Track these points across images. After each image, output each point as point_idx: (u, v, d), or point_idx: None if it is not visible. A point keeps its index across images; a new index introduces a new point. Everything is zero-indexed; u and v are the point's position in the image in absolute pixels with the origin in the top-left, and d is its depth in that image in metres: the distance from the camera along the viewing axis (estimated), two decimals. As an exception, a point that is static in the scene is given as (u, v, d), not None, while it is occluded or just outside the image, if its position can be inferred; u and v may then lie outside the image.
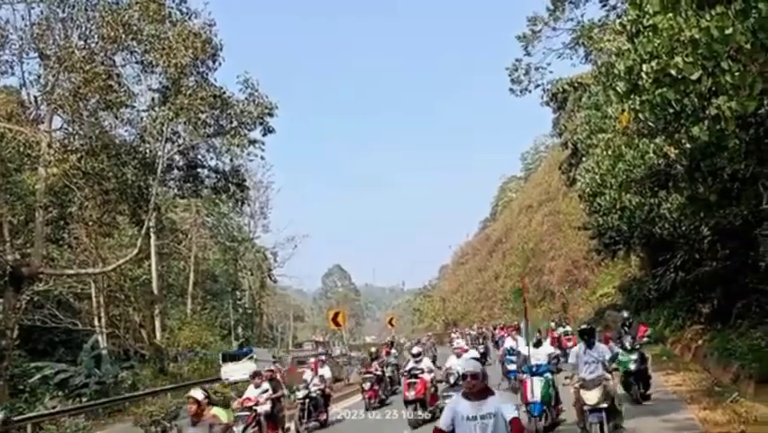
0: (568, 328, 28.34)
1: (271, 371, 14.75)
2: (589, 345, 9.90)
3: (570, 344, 22.74)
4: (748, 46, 7.01)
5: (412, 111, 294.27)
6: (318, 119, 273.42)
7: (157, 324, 34.60)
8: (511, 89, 34.46)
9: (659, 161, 15.25)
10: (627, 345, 13.51)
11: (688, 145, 10.73)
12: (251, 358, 29.28)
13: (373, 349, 23.07)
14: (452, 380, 14.22)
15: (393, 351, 23.59)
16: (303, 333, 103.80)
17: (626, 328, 14.71)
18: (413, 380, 14.63)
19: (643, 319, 28.46)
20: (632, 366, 13.05)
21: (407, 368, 15.65)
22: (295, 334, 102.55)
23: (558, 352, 18.33)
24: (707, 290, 20.39)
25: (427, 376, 14.78)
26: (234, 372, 27.02)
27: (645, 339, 14.47)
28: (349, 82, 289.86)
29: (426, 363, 15.60)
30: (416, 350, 16.72)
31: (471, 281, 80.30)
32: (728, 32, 7.07)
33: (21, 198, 23.27)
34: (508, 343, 19.44)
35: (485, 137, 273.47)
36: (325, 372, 16.69)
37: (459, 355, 15.20)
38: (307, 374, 16.40)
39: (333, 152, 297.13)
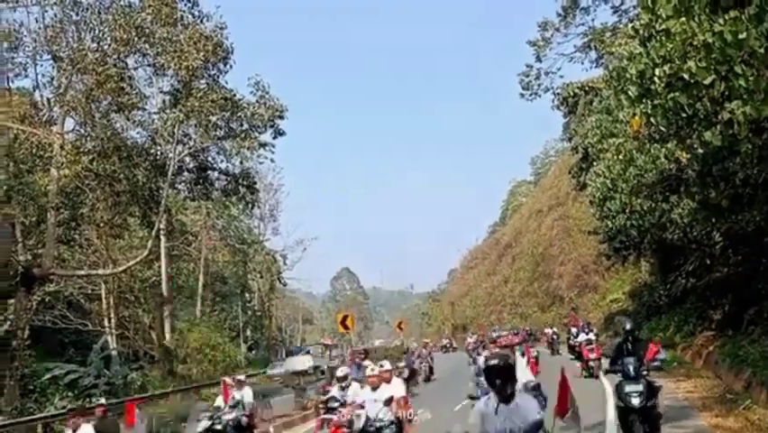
0: (591, 336, 22.59)
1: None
2: (505, 399, 5.05)
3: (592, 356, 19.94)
4: (762, 50, 6.97)
5: (420, 112, 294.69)
6: (326, 120, 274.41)
7: (166, 325, 34.69)
8: (522, 94, 34.61)
9: (670, 166, 15.18)
10: (631, 369, 9.36)
11: (700, 150, 10.66)
12: (307, 353, 38.02)
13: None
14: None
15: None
16: (311, 336, 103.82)
17: (629, 345, 9.90)
18: (328, 415, 11.08)
19: (653, 327, 28.32)
20: (635, 401, 9.16)
21: (324, 397, 12.24)
22: (303, 336, 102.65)
23: (533, 379, 9.15)
24: (718, 296, 20.25)
25: (348, 412, 9.74)
26: (296, 363, 34.01)
27: (657, 362, 9.81)
28: (356, 82, 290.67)
29: (354, 390, 10.56)
30: (341, 372, 11.87)
31: (480, 286, 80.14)
32: (742, 36, 7.04)
33: (33, 198, 23.38)
34: (481, 360, 14.21)
35: (495, 140, 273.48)
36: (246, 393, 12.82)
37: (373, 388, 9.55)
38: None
39: (342, 154, 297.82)
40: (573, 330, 28.23)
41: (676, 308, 25.62)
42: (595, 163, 24.49)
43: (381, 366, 9.89)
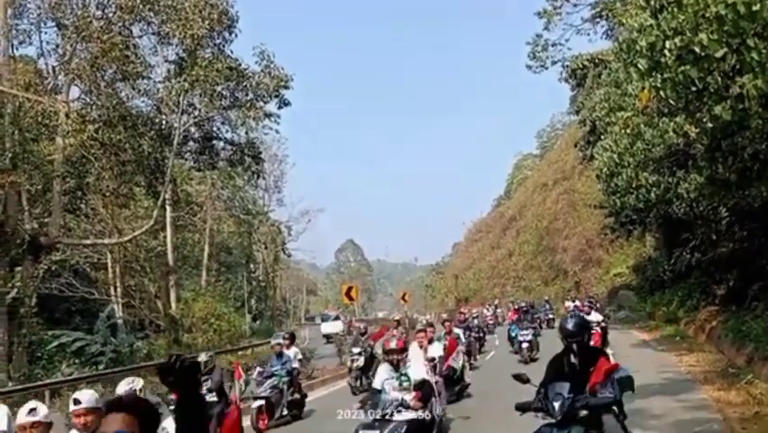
0: (594, 316, 17.33)
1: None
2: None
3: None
4: (776, 23, 6.86)
5: (425, 83, 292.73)
6: (333, 91, 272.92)
7: (172, 295, 34.86)
8: (528, 66, 34.27)
9: (678, 141, 15.07)
10: (557, 407, 5.15)
11: (709, 124, 10.53)
12: (336, 319, 47.00)
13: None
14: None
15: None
16: (315, 307, 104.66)
17: (572, 359, 5.57)
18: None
19: (656, 301, 28.26)
20: None
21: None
22: (307, 307, 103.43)
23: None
24: (723, 272, 20.26)
25: None
26: (329, 327, 42.12)
27: (609, 394, 5.29)
28: (359, 53, 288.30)
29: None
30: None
31: (484, 259, 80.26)
32: (756, 8, 6.93)
33: (38, 167, 23.38)
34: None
35: (502, 113, 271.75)
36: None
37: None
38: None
39: (348, 125, 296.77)
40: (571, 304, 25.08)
41: (680, 282, 25.68)
42: (602, 137, 24.31)
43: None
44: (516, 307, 30.31)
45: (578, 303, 26.37)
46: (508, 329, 23.50)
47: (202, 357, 9.84)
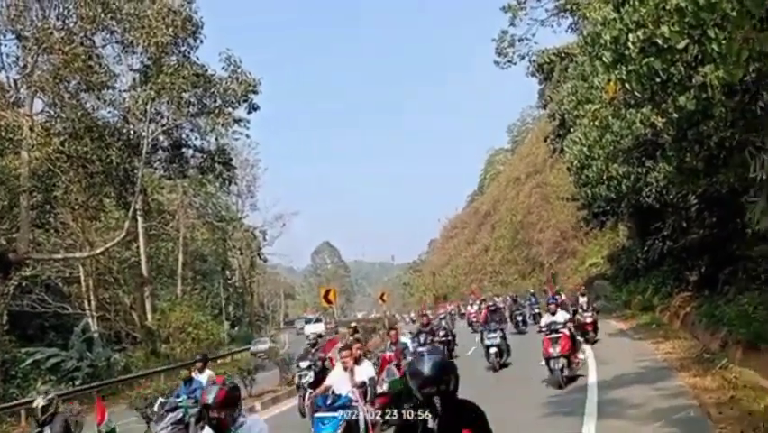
0: (559, 317, 13.90)
1: None
2: None
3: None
4: (734, 14, 6.94)
5: (397, 84, 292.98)
6: (303, 94, 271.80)
7: (147, 306, 34.49)
8: (496, 62, 34.48)
9: (646, 131, 15.23)
10: None
11: (675, 114, 10.69)
12: (318, 321, 48.15)
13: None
14: None
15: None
16: (294, 310, 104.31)
17: (431, 419, 3.20)
18: None
19: (631, 289, 28.51)
20: None
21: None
22: (286, 312, 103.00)
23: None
24: (694, 258, 20.51)
25: None
26: (311, 329, 39.26)
27: None
28: (331, 57, 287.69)
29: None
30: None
31: (461, 255, 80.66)
32: (715, -1, 7.00)
33: (3, 182, 22.98)
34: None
35: (473, 109, 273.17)
36: None
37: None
38: None
39: (319, 127, 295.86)
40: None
41: (654, 270, 25.97)
42: (572, 130, 24.52)
43: None
44: (488, 305, 23.86)
45: (562, 296, 24.39)
46: (481, 331, 18.48)
47: (38, 401, 7.81)
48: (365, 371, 8.59)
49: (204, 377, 11.57)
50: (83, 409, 11.75)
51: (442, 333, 19.27)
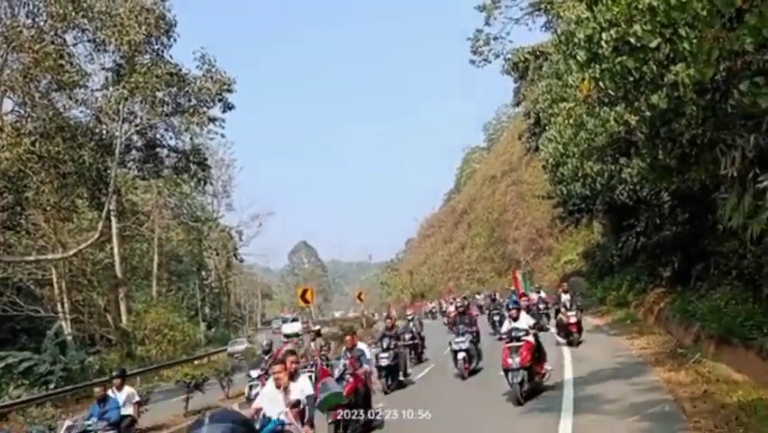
0: (521, 323, 12.42)
1: None
2: None
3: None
4: (704, 13, 7.05)
5: (371, 79, 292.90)
6: (276, 94, 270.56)
7: (122, 307, 34.11)
8: (472, 61, 34.67)
9: (620, 129, 15.36)
10: None
11: (647, 112, 10.79)
12: (295, 320, 47.20)
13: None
14: None
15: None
16: (271, 310, 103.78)
17: None
18: None
19: (606, 286, 28.79)
20: None
21: None
22: (263, 312, 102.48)
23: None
24: (668, 254, 20.78)
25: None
26: (288, 329, 40.97)
27: None
28: (303, 55, 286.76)
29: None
30: None
31: (437, 253, 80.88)
32: (686, -2, 7.10)
33: (-27, 184, 22.54)
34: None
35: (449, 107, 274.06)
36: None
37: None
38: None
39: (294, 126, 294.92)
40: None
41: (628, 266, 26.25)
42: (547, 128, 24.72)
43: None
44: (457, 306, 21.80)
45: (542, 294, 25.02)
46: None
47: None
48: (302, 387, 7.57)
49: (122, 395, 10.74)
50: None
51: (408, 336, 18.29)
